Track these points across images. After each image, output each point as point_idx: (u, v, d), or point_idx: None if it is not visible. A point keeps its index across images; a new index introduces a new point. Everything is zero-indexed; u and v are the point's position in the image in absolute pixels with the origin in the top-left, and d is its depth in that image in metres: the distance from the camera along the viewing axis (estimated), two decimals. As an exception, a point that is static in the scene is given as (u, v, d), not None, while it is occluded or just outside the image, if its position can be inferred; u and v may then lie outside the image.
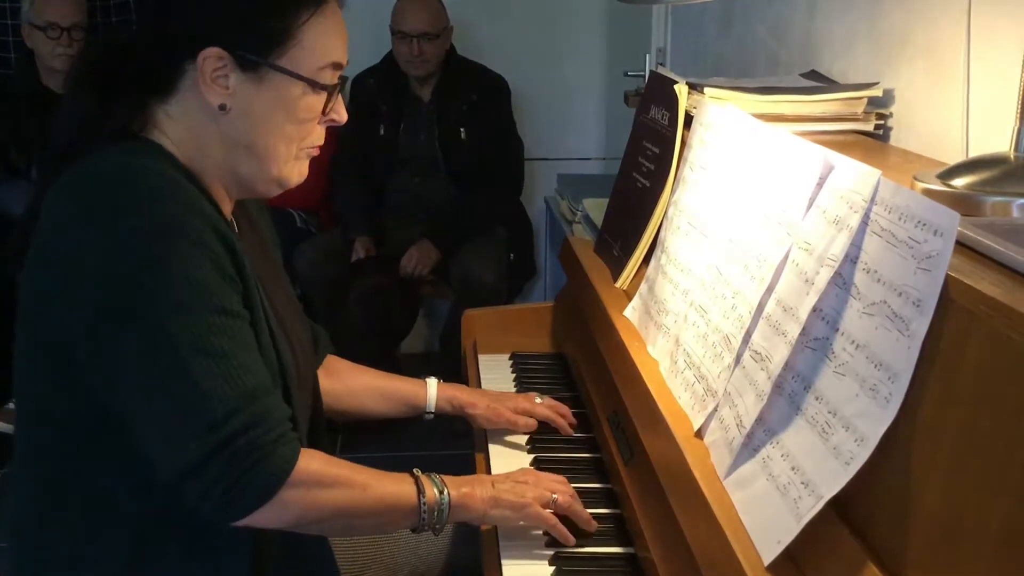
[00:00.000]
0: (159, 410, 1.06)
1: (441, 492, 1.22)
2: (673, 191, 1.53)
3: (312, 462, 1.12)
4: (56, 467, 1.16)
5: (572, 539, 1.28)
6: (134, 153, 1.13)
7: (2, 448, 3.07)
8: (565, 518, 1.30)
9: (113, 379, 1.08)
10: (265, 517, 1.09)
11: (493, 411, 1.57)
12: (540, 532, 1.33)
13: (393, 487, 1.20)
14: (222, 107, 1.14)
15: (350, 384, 1.57)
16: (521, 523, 1.29)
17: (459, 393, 1.59)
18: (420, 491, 1.20)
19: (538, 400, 1.62)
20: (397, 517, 1.21)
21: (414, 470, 1.24)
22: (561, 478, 1.34)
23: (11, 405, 3.12)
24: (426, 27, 3.26)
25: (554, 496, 1.28)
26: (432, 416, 1.60)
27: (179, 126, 1.17)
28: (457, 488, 1.23)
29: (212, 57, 1.12)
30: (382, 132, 3.39)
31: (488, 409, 1.57)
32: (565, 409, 1.63)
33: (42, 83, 3.36)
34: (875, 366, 0.89)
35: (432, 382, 1.59)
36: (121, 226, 1.05)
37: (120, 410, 1.09)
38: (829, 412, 0.94)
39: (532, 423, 1.58)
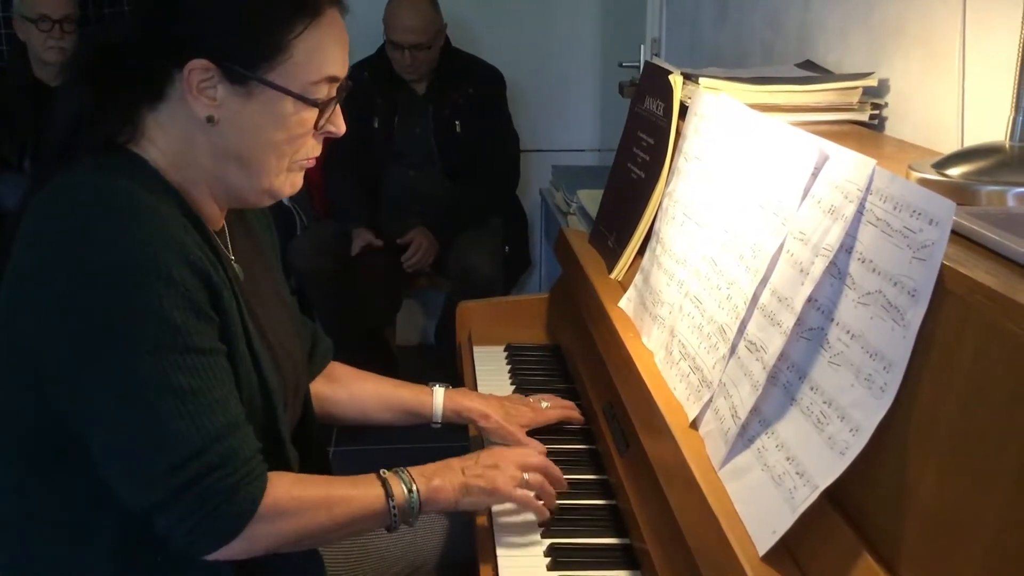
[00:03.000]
0: (124, 447, 1.05)
1: (410, 491, 1.21)
2: (668, 182, 1.53)
3: (278, 490, 1.11)
4: (34, 477, 1.15)
5: (547, 513, 1.31)
6: (116, 172, 1.09)
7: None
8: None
9: (79, 410, 1.07)
10: (235, 551, 1.10)
11: (505, 430, 1.53)
12: (536, 524, 1.33)
13: (361, 496, 1.19)
14: (210, 119, 1.11)
15: (353, 391, 1.54)
16: (494, 506, 1.31)
17: (468, 403, 1.55)
18: (389, 494, 1.19)
19: (545, 405, 1.60)
20: (368, 524, 1.22)
21: (380, 471, 1.23)
22: (529, 449, 1.36)
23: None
24: (417, 38, 3.23)
25: (525, 476, 1.29)
26: (439, 426, 1.57)
27: (168, 135, 1.13)
28: (427, 483, 1.23)
29: (198, 69, 1.09)
30: (376, 125, 3.38)
31: (500, 427, 1.53)
32: (570, 404, 1.63)
33: (34, 76, 3.34)
34: (870, 356, 0.88)
35: (439, 392, 1.55)
36: (93, 261, 1.03)
37: (85, 437, 1.08)
38: (824, 402, 0.94)
39: (542, 448, 1.51)
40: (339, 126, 1.19)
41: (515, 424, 1.54)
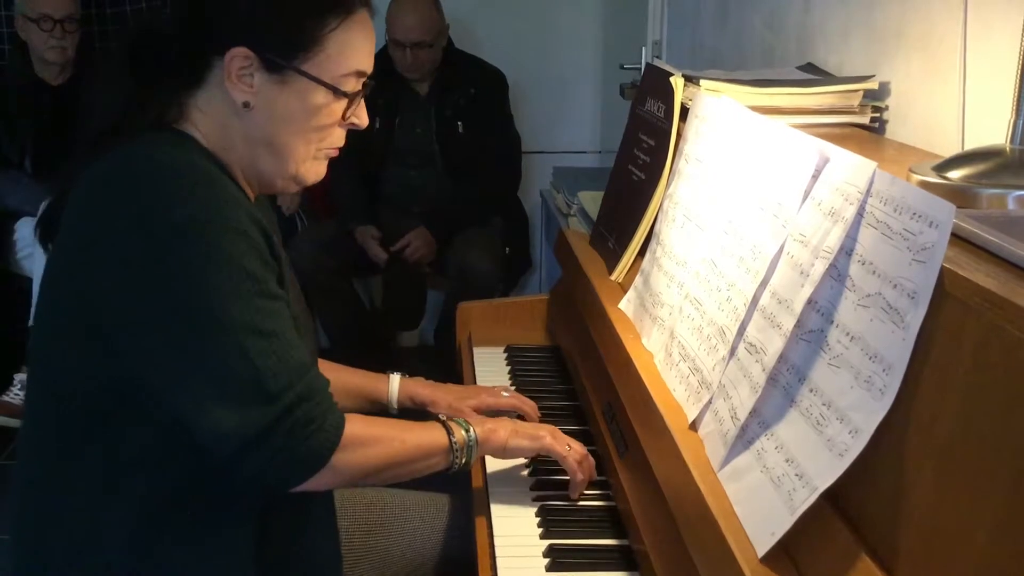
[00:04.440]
0: (218, 389, 1.09)
1: (467, 431, 1.31)
2: (668, 183, 1.53)
3: (354, 426, 1.19)
4: (63, 447, 1.18)
5: (580, 475, 1.38)
6: (172, 145, 1.16)
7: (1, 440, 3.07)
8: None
9: (165, 363, 1.11)
10: (322, 481, 1.16)
11: (455, 411, 1.56)
12: (536, 524, 1.33)
13: (426, 434, 1.29)
14: (246, 104, 1.18)
15: None
16: (537, 455, 1.41)
17: (420, 389, 1.60)
18: (450, 433, 1.29)
19: (505, 394, 1.62)
20: (433, 461, 1.29)
21: (439, 415, 1.36)
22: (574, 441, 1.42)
23: (7, 397, 3.11)
24: (418, 36, 3.24)
25: (568, 446, 1.39)
26: (396, 412, 1.61)
27: (207, 119, 1.20)
28: (481, 426, 1.34)
29: (239, 56, 1.16)
30: (378, 125, 3.38)
31: (449, 408, 1.57)
32: (532, 404, 1.63)
33: (36, 75, 3.34)
34: (870, 358, 0.88)
35: (395, 378, 1.61)
36: (169, 218, 1.08)
37: (164, 392, 1.12)
38: (823, 404, 0.94)
39: (534, 405, 1.60)
40: (362, 119, 1.27)
41: (464, 405, 1.58)
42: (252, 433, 1.09)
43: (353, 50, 1.21)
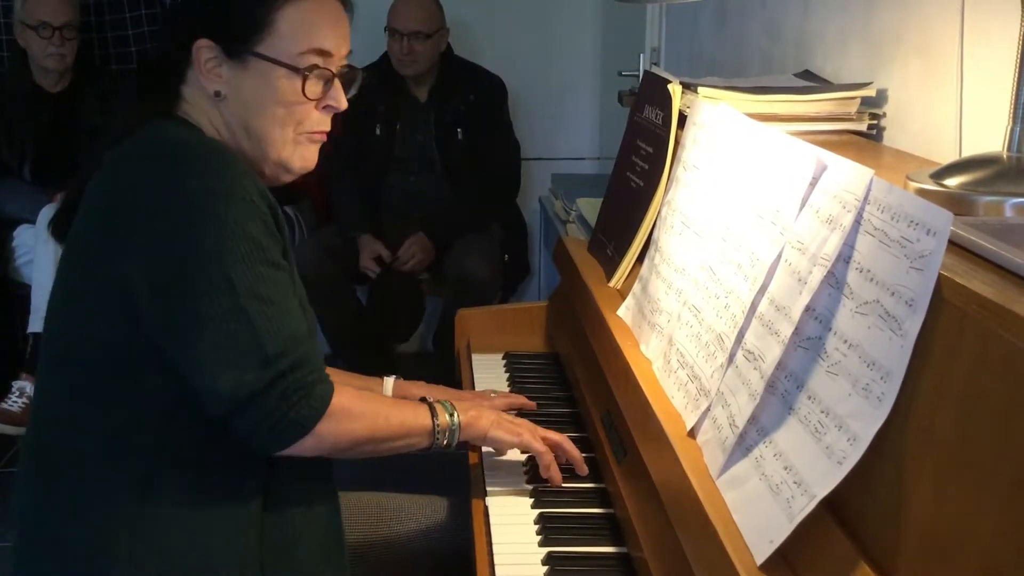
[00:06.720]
0: (220, 348, 1.15)
1: (452, 415, 1.35)
2: (667, 190, 1.53)
3: (342, 398, 1.23)
4: (74, 408, 1.23)
5: (559, 477, 1.41)
6: (181, 129, 1.25)
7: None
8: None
9: (174, 322, 1.16)
10: (306, 447, 1.21)
11: None
12: (535, 531, 1.33)
13: (411, 414, 1.34)
14: (217, 94, 1.25)
15: None
16: (514, 449, 1.43)
17: (413, 390, 1.63)
18: (434, 415, 1.34)
19: (492, 395, 1.65)
20: (416, 440, 1.34)
21: (427, 397, 1.40)
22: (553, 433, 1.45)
23: (6, 404, 3.10)
24: (418, 26, 3.25)
25: (544, 440, 1.41)
26: None
27: (195, 110, 1.28)
28: (465, 412, 1.38)
29: (204, 47, 1.24)
30: (379, 132, 3.39)
31: None
32: (521, 399, 1.65)
33: (35, 82, 3.34)
34: (868, 365, 0.88)
35: (388, 381, 1.64)
36: (189, 187, 1.16)
37: (171, 350, 1.17)
38: (822, 412, 0.94)
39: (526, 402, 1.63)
40: (339, 100, 1.31)
41: None
42: (244, 394, 1.15)
43: (307, 27, 1.25)
